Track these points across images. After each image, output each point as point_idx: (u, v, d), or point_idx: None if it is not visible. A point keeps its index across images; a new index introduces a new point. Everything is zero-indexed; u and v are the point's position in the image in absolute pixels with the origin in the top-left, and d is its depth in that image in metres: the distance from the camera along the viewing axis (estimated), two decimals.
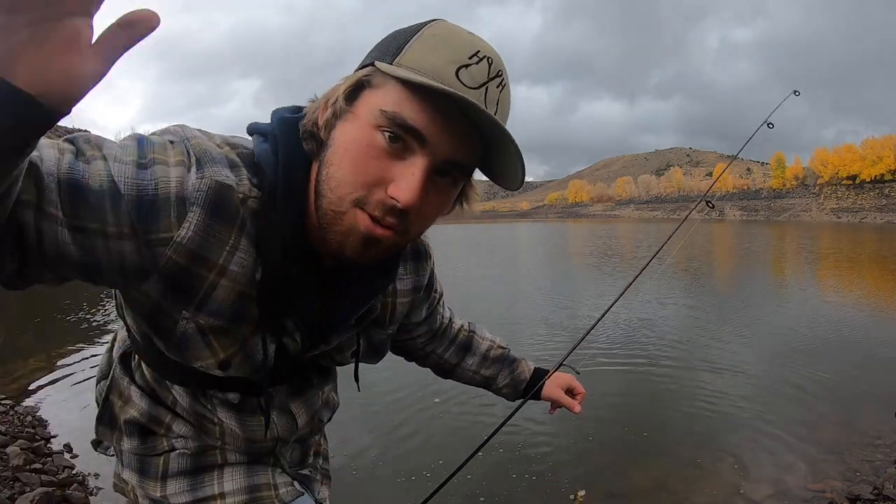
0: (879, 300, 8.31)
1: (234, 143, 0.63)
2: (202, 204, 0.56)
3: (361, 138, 0.55)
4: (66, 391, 4.37)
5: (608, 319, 5.30)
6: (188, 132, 0.60)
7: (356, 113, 0.56)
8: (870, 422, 3.44)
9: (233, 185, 0.58)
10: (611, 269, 12.72)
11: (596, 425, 3.54)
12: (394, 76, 0.54)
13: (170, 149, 0.57)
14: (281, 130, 0.62)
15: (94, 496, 2.73)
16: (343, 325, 0.73)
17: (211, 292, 0.61)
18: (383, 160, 0.55)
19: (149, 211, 0.53)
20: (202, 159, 0.57)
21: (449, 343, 1.06)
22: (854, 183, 67.89)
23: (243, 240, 0.60)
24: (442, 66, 0.54)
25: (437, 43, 0.55)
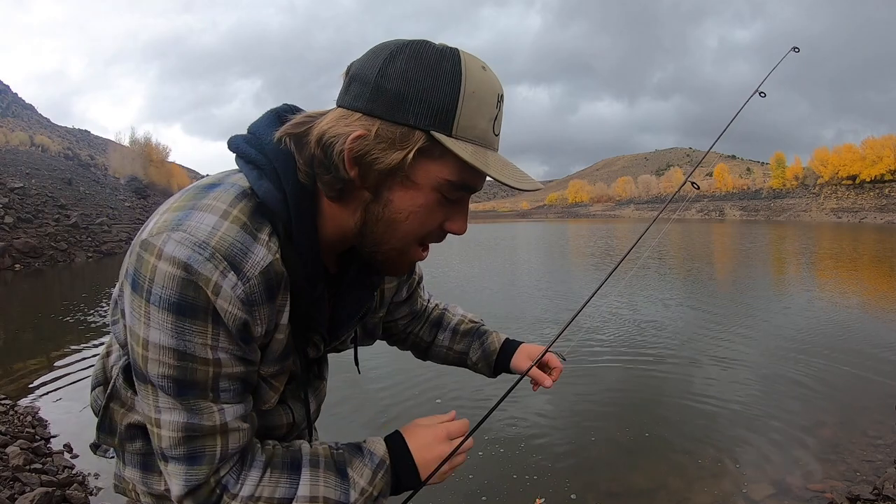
0: (879, 300, 8.31)
1: (235, 195, 0.64)
2: (260, 301, 0.63)
3: (427, 203, 0.65)
4: (66, 391, 4.37)
5: (610, 319, 5.31)
6: (197, 231, 0.59)
7: (416, 181, 0.63)
8: (870, 422, 3.45)
9: (271, 259, 0.63)
10: (609, 265, 12.66)
11: (597, 425, 3.54)
12: (456, 152, 0.60)
13: (202, 280, 0.59)
14: (280, 164, 0.65)
15: (93, 496, 2.73)
16: (351, 322, 0.82)
17: (268, 348, 0.70)
18: (440, 211, 0.67)
19: (244, 339, 0.64)
20: (233, 259, 0.60)
21: (424, 321, 1.11)
22: (854, 183, 67.83)
23: (284, 292, 0.67)
24: (486, 127, 0.63)
25: (477, 102, 0.62)
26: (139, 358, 0.62)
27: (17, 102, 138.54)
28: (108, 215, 21.89)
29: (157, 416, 0.64)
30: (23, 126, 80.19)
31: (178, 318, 0.59)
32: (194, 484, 0.65)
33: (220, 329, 0.61)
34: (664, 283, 10.29)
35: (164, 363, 0.61)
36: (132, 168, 39.76)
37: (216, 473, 0.66)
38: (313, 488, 0.69)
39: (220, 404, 0.65)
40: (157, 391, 0.63)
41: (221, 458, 0.66)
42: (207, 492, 0.66)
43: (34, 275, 13.76)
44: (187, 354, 0.61)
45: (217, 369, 0.63)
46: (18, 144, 41.43)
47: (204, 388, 0.63)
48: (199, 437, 0.64)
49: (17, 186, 18.32)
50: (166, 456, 0.65)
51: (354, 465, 0.73)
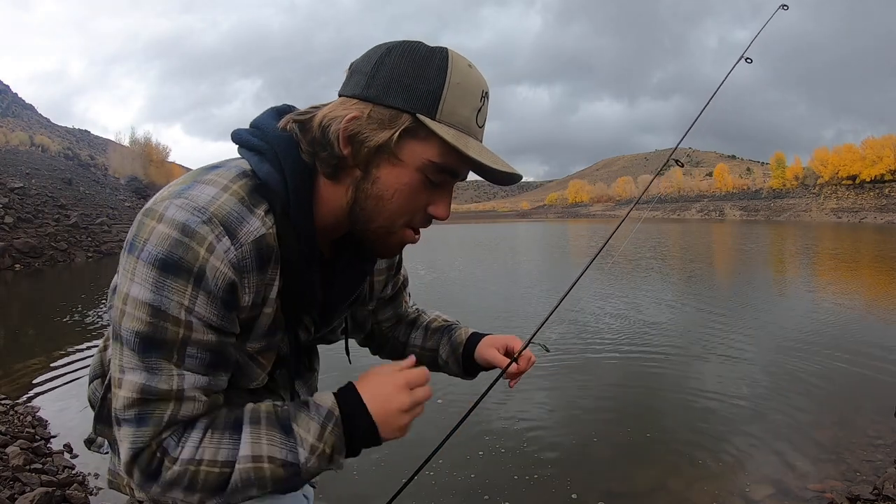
0: (880, 300, 8.31)
1: (237, 174, 0.68)
2: (251, 268, 0.66)
3: (411, 182, 0.69)
4: (66, 391, 4.37)
5: (611, 319, 5.31)
6: (197, 198, 0.63)
7: (402, 159, 0.68)
8: (870, 422, 3.44)
9: (264, 231, 0.67)
10: (609, 264, 12.72)
11: (597, 424, 3.54)
12: (439, 135, 0.65)
13: (196, 241, 0.61)
14: (282, 149, 0.69)
15: (93, 496, 2.72)
16: (342, 307, 0.85)
17: (256, 322, 0.72)
18: (425, 193, 0.71)
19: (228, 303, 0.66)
20: (230, 225, 0.64)
21: (403, 324, 1.13)
22: (854, 183, 67.80)
23: (275, 266, 0.70)
24: (469, 115, 0.68)
25: (462, 92, 0.68)
26: (117, 313, 0.64)
27: (17, 102, 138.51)
28: (108, 215, 21.89)
29: (120, 375, 0.64)
30: (23, 126, 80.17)
31: (160, 274, 0.61)
32: (138, 447, 0.64)
33: (199, 291, 0.63)
34: (665, 283, 10.30)
35: (137, 318, 0.62)
36: (132, 168, 39.79)
37: (158, 437, 0.65)
38: (255, 447, 0.66)
39: (181, 370, 0.64)
40: (124, 348, 0.64)
41: (168, 423, 0.65)
42: (149, 455, 0.65)
43: (34, 275, 13.75)
44: (161, 311, 0.62)
45: (187, 332, 0.63)
46: (18, 144, 41.42)
47: (170, 349, 0.63)
48: (151, 401, 0.64)
49: (17, 186, 18.32)
50: (119, 418, 0.65)
51: (300, 419, 0.69)
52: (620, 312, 7.17)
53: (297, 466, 0.68)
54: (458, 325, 1.10)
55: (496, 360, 0.99)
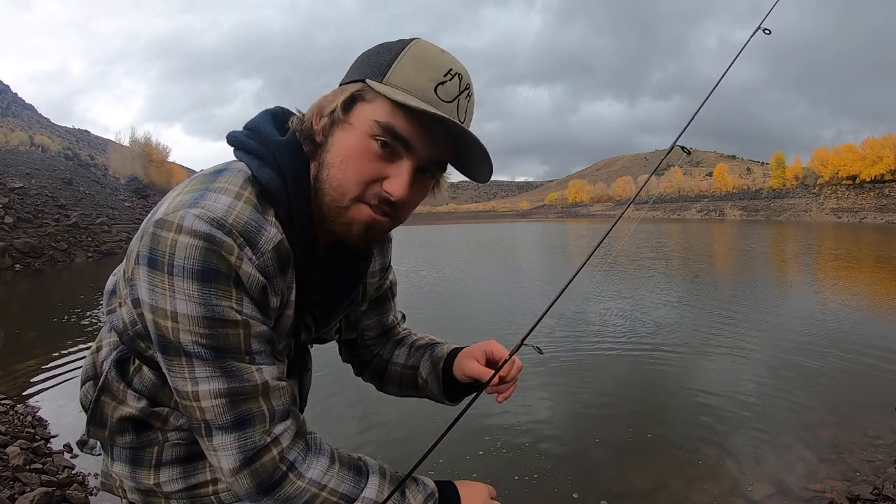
0: (880, 300, 8.31)
1: (244, 179, 0.68)
2: (275, 274, 0.68)
3: (358, 145, 0.66)
4: (66, 391, 4.37)
5: (613, 317, 5.30)
6: (214, 209, 0.63)
7: (352, 123, 0.67)
8: (870, 422, 3.44)
9: (280, 237, 0.68)
10: (608, 263, 12.72)
11: (598, 424, 3.54)
12: (384, 95, 0.64)
13: (225, 250, 0.62)
14: (282, 154, 0.70)
15: (93, 496, 2.72)
16: (341, 307, 0.87)
17: (279, 324, 0.73)
18: (377, 162, 0.67)
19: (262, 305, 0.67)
20: (249, 236, 0.64)
21: (388, 341, 1.09)
22: (854, 183, 67.79)
23: (293, 271, 0.72)
24: (423, 84, 0.65)
25: (418, 63, 0.66)
26: (169, 331, 0.63)
27: (17, 102, 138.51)
28: (108, 215, 21.89)
29: (195, 388, 0.64)
30: (23, 126, 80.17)
31: (203, 286, 0.61)
32: (250, 449, 0.65)
33: (242, 292, 0.64)
34: (666, 283, 10.29)
35: (196, 332, 0.62)
36: (132, 168, 39.78)
37: (275, 440, 0.67)
38: (379, 494, 0.73)
39: (257, 365, 0.66)
40: (193, 361, 0.63)
41: (271, 417, 0.67)
42: (272, 464, 0.67)
43: (34, 275, 13.75)
44: (217, 320, 0.62)
45: (247, 330, 0.65)
46: (18, 144, 41.42)
47: (238, 350, 0.64)
48: (243, 401, 0.65)
49: (17, 186, 18.32)
50: (212, 427, 0.65)
51: (411, 488, 0.78)
52: (621, 311, 7.17)
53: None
54: (441, 343, 1.02)
55: (477, 372, 0.89)
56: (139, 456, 0.79)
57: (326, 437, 0.77)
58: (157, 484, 0.78)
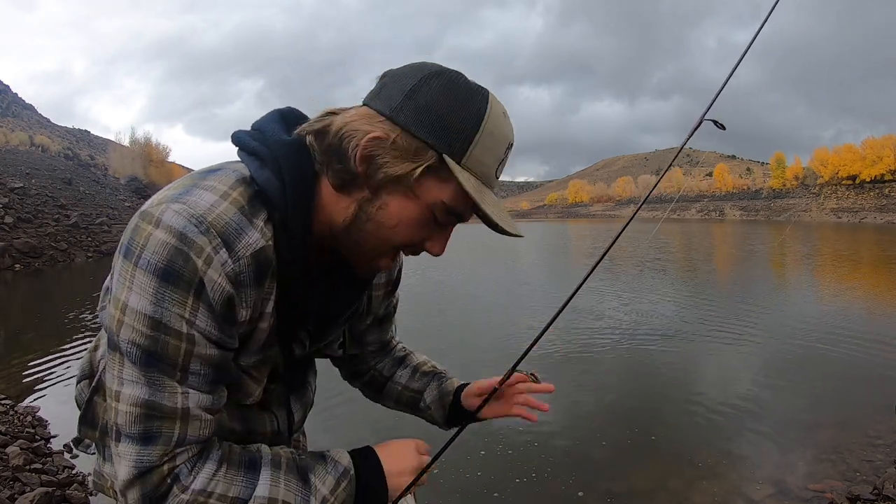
0: (880, 300, 8.31)
1: (236, 179, 0.66)
2: (248, 283, 0.64)
3: (419, 217, 0.67)
4: (66, 391, 4.37)
5: (614, 318, 5.27)
6: (196, 205, 0.61)
7: (418, 194, 0.65)
8: (870, 422, 3.45)
9: (263, 244, 0.65)
10: (609, 264, 12.73)
11: (598, 424, 3.54)
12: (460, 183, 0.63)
13: (194, 251, 0.60)
14: (284, 156, 0.67)
15: (93, 496, 2.73)
16: (339, 321, 0.83)
17: (251, 338, 0.70)
18: (427, 229, 0.69)
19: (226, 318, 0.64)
20: (227, 237, 0.62)
21: (387, 357, 1.06)
22: (854, 183, 67.81)
23: (272, 281, 0.68)
24: (491, 165, 0.67)
25: (492, 142, 0.66)
26: (114, 323, 0.61)
27: (17, 102, 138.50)
28: (108, 215, 21.89)
29: (119, 388, 0.62)
30: (23, 126, 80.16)
31: (160, 284, 0.59)
32: (145, 466, 0.62)
33: (199, 304, 0.61)
34: (666, 283, 10.30)
35: (137, 330, 0.60)
36: (132, 168, 39.78)
37: (171, 460, 0.63)
38: (273, 489, 0.66)
39: (185, 387, 0.62)
40: (124, 360, 0.61)
41: (178, 443, 0.63)
42: (158, 478, 0.62)
43: (34, 275, 13.75)
44: (161, 324, 0.59)
45: (190, 346, 0.61)
46: (18, 144, 41.45)
47: (173, 364, 0.61)
48: (157, 418, 0.61)
49: (17, 186, 18.32)
50: (120, 433, 0.62)
51: (317, 471, 0.71)
52: (623, 312, 7.17)
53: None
54: (448, 374, 1.04)
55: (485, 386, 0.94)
56: None
57: (332, 441, 0.77)
58: None
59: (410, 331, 7.13)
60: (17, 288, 11.93)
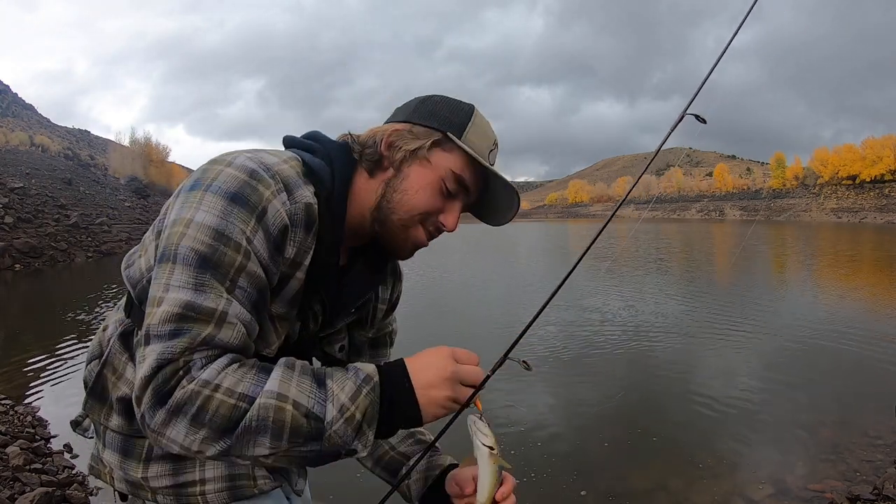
0: (880, 300, 8.31)
1: (291, 156, 0.78)
2: (300, 224, 0.73)
3: (434, 183, 0.80)
4: (66, 391, 4.37)
5: (613, 318, 5.28)
6: (266, 158, 0.73)
7: (432, 163, 0.80)
8: (870, 422, 3.45)
9: (313, 202, 0.74)
10: (610, 264, 12.74)
11: (598, 425, 3.55)
12: (464, 149, 0.80)
13: (262, 185, 0.69)
14: (333, 150, 0.81)
15: (93, 496, 2.73)
16: (348, 308, 0.89)
17: (287, 285, 0.75)
18: (441, 199, 0.82)
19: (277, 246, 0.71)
20: (289, 185, 0.72)
21: None
22: (854, 183, 67.82)
23: (314, 238, 0.76)
24: (484, 148, 0.82)
25: (482, 133, 0.83)
26: (175, 237, 0.65)
27: (17, 102, 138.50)
28: (108, 215, 21.90)
29: (164, 294, 0.63)
30: (23, 126, 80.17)
31: (228, 204, 0.66)
32: (165, 360, 0.60)
33: (259, 227, 0.68)
34: (666, 283, 10.30)
35: (199, 239, 0.65)
36: (132, 168, 39.79)
37: (189, 354, 0.61)
38: (283, 385, 0.62)
39: (231, 295, 0.65)
40: (176, 266, 0.64)
41: (203, 342, 0.62)
42: (171, 371, 0.60)
43: (34, 275, 13.76)
44: (224, 235, 0.65)
45: (244, 261, 0.66)
46: (18, 144, 41.43)
47: (226, 272, 0.65)
48: (191, 319, 0.62)
49: (17, 186, 18.33)
50: (150, 335, 0.62)
51: (336, 376, 0.66)
52: (622, 312, 7.17)
53: (321, 423, 0.62)
54: (440, 452, 0.96)
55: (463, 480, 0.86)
56: (130, 446, 0.79)
57: None
58: (145, 478, 0.79)
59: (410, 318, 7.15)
60: (17, 288, 11.93)
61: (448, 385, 0.69)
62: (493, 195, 0.87)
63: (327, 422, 0.63)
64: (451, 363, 0.70)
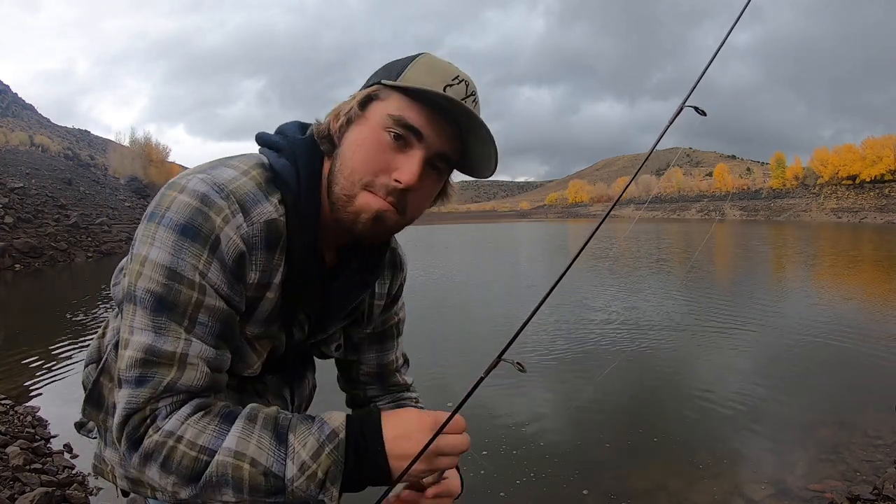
0: (881, 300, 8.31)
1: (256, 162, 0.73)
2: (259, 246, 0.69)
3: (371, 136, 0.69)
4: (66, 391, 4.37)
5: (613, 319, 5.27)
6: (219, 176, 0.67)
7: (367, 117, 0.70)
8: (870, 422, 3.44)
9: (276, 216, 0.70)
10: (610, 264, 12.74)
11: (597, 425, 3.54)
12: (397, 87, 0.68)
13: (214, 211, 0.65)
14: (299, 149, 0.74)
15: (93, 496, 2.73)
16: (339, 314, 0.85)
17: (258, 307, 0.73)
18: (388, 153, 0.69)
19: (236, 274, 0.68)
20: (245, 204, 0.67)
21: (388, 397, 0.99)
22: (854, 183, 67.77)
23: (281, 254, 0.72)
24: (433, 84, 0.68)
25: (429, 69, 0.70)
26: (133, 275, 0.65)
27: (16, 102, 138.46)
28: (108, 215, 21.90)
29: (129, 336, 0.64)
30: (23, 126, 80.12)
31: (179, 238, 0.64)
32: (132, 409, 0.62)
33: (214, 259, 0.65)
34: (669, 283, 10.30)
35: (153, 279, 0.63)
36: (132, 168, 39.78)
37: (154, 402, 0.63)
38: (241, 442, 0.62)
39: (190, 335, 0.64)
40: (136, 309, 0.64)
41: (167, 388, 0.63)
42: (139, 419, 0.62)
43: (34, 275, 13.76)
44: (176, 273, 0.63)
45: (200, 297, 0.64)
46: (18, 144, 41.38)
47: (182, 312, 0.64)
48: (154, 363, 0.63)
49: (17, 186, 18.33)
50: (121, 379, 0.64)
51: (298, 431, 0.64)
52: (621, 312, 7.17)
53: (280, 481, 0.62)
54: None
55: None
56: None
57: None
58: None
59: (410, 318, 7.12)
60: (17, 288, 11.93)
61: (425, 460, 0.65)
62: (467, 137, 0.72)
63: (287, 479, 0.62)
64: (430, 421, 0.66)
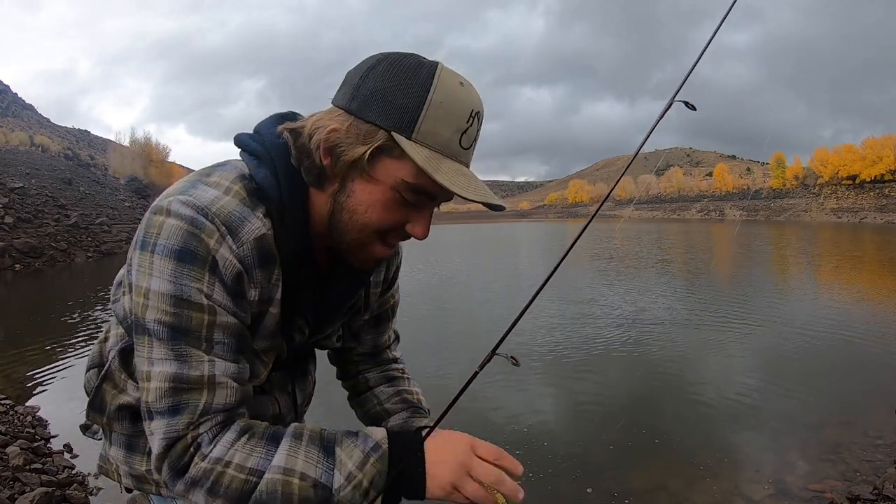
0: (881, 300, 8.31)
1: (236, 175, 0.70)
2: (254, 265, 0.68)
3: (384, 199, 0.67)
4: (66, 391, 4.37)
5: (615, 319, 5.28)
6: (201, 198, 0.65)
7: (376, 177, 0.66)
8: (870, 422, 3.44)
9: (264, 231, 0.68)
10: (611, 264, 12.74)
11: (597, 424, 3.54)
12: (413, 159, 0.63)
13: (205, 233, 0.64)
14: (277, 155, 0.71)
15: (93, 496, 2.73)
16: (338, 314, 0.86)
17: (262, 322, 0.73)
18: (401, 211, 0.69)
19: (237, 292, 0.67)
20: (231, 225, 0.66)
21: (378, 370, 1.02)
22: (854, 183, 67.75)
23: (279, 268, 0.71)
24: (450, 136, 0.65)
25: (445, 113, 0.64)
26: (139, 308, 0.64)
27: (16, 102, 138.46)
28: (108, 215, 21.90)
29: (150, 368, 0.64)
30: (23, 126, 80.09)
31: (177, 265, 0.63)
32: (172, 438, 0.64)
33: (215, 278, 0.65)
34: (669, 284, 10.29)
35: (161, 309, 0.63)
36: (132, 168, 39.83)
37: (195, 429, 0.64)
38: (290, 459, 0.64)
39: (211, 356, 0.65)
40: (152, 340, 0.64)
41: (203, 412, 0.64)
42: (182, 448, 0.64)
43: (34, 275, 13.76)
44: (182, 300, 0.63)
45: (212, 317, 0.65)
46: (18, 144, 41.41)
47: (197, 336, 0.64)
48: (185, 390, 0.63)
49: (17, 186, 18.33)
50: (152, 411, 0.64)
51: (344, 444, 0.67)
52: (621, 312, 7.17)
53: (329, 491, 0.65)
54: (426, 413, 0.98)
55: None
56: (134, 442, 0.81)
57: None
58: (149, 470, 0.80)
59: (410, 318, 7.13)
60: (17, 288, 11.93)
61: (457, 472, 0.68)
62: None
63: (335, 489, 0.65)
64: (468, 449, 0.70)
